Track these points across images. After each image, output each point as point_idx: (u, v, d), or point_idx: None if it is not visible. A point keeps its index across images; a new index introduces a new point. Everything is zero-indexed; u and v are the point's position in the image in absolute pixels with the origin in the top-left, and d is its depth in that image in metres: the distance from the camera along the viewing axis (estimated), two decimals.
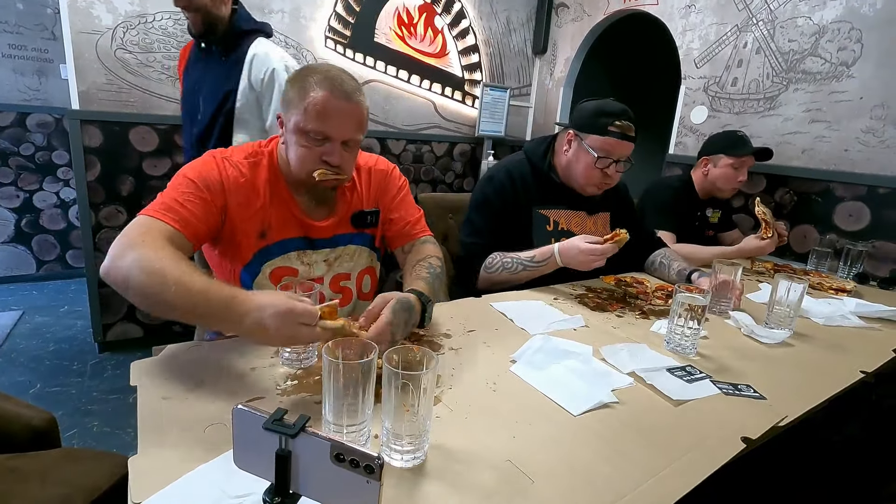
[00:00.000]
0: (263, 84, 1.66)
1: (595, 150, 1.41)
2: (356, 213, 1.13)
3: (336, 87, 0.94)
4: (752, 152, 1.89)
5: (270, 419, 0.41)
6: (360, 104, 0.97)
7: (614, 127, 1.40)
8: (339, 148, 0.97)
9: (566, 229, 1.52)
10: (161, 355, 0.85)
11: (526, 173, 1.50)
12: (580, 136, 1.44)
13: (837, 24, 1.99)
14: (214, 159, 1.00)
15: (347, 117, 0.96)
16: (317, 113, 0.93)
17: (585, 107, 1.47)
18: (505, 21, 3.28)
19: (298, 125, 0.95)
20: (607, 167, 1.43)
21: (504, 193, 1.46)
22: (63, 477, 0.87)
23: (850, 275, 1.81)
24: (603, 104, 1.44)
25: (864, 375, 1.01)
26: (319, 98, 0.93)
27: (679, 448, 0.71)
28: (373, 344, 0.63)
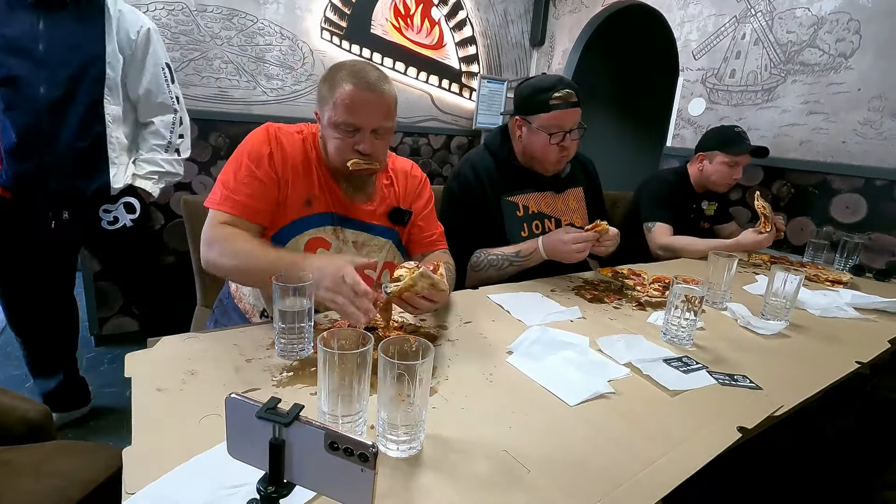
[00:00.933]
0: (136, 45, 1.53)
1: (545, 129, 1.41)
2: (395, 209, 1.19)
3: (360, 79, 0.99)
4: (747, 150, 1.87)
5: (264, 408, 0.41)
6: (385, 93, 1.02)
7: (555, 99, 1.39)
8: (370, 137, 1.03)
9: (537, 212, 1.52)
10: (155, 347, 0.85)
11: (489, 164, 1.50)
12: (527, 120, 1.45)
13: (836, 14, 1.98)
14: (268, 132, 1.07)
15: (374, 107, 1.01)
16: (345, 106, 0.99)
17: (522, 90, 1.47)
18: (502, 12, 3.26)
19: (331, 119, 1.01)
20: (562, 140, 1.42)
21: (469, 188, 1.47)
22: (57, 469, 0.86)
23: (846, 267, 1.81)
24: (537, 81, 1.44)
25: (860, 366, 1.02)
26: (346, 92, 0.98)
27: (675, 438, 0.71)
28: (368, 335, 0.63)
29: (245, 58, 2.46)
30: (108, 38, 1.46)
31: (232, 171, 1.03)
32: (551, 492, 0.58)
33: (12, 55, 1.37)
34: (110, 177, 1.54)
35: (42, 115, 1.39)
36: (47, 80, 1.39)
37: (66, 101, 1.42)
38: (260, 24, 2.47)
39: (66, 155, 1.45)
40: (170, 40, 2.26)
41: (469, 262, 1.45)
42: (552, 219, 1.55)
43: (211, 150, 2.47)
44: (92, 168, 1.50)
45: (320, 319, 1.00)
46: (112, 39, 1.47)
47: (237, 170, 1.03)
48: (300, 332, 0.84)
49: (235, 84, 2.47)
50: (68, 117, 1.43)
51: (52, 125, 1.41)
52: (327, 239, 1.10)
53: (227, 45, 2.40)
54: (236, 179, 1.02)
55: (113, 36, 1.47)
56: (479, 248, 1.45)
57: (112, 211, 1.58)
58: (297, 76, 2.63)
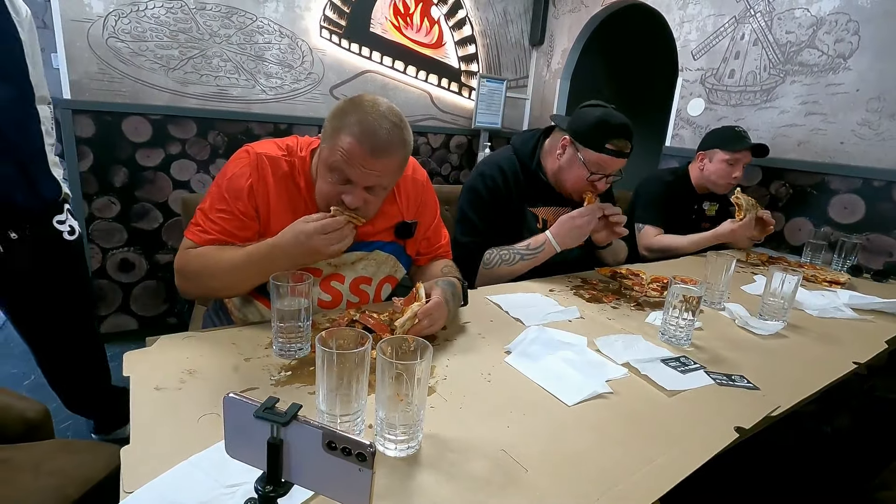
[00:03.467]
0: (27, 26, 1.25)
1: (589, 165, 1.40)
2: (400, 224, 1.13)
3: (367, 139, 0.90)
4: (747, 147, 1.87)
5: (262, 407, 0.41)
6: (390, 158, 0.93)
7: (612, 145, 1.38)
8: (361, 192, 0.95)
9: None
10: (154, 346, 0.85)
11: (517, 171, 1.49)
12: (576, 146, 1.42)
13: (835, 15, 1.99)
14: (249, 156, 1.01)
15: (372, 170, 0.92)
16: (342, 157, 0.91)
17: (587, 115, 1.42)
18: (502, 12, 3.26)
19: (327, 161, 0.94)
20: (598, 181, 1.43)
21: (497, 191, 1.46)
22: (56, 468, 0.86)
23: (844, 267, 1.82)
24: (605, 116, 1.40)
25: (857, 367, 1.02)
26: (347, 145, 0.90)
27: (672, 438, 0.71)
28: (367, 334, 0.63)
29: (244, 56, 2.46)
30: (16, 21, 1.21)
31: (209, 202, 1.00)
32: (549, 491, 0.58)
33: None
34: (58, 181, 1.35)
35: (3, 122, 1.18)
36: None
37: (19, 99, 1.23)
38: (259, 23, 2.46)
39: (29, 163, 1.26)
40: (168, 38, 2.26)
41: (482, 260, 1.44)
42: None
43: (210, 149, 2.47)
44: (43, 174, 1.31)
45: (319, 319, 1.00)
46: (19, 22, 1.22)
47: (214, 202, 0.99)
48: (298, 331, 0.84)
49: (234, 82, 2.46)
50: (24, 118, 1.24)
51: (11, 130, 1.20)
52: (317, 266, 1.05)
53: (226, 44, 2.40)
54: (210, 213, 0.99)
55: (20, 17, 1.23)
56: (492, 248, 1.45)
57: (65, 220, 1.38)
58: (297, 75, 2.63)
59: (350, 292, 1.10)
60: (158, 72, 2.28)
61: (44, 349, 1.50)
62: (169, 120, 2.35)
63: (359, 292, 1.12)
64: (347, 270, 1.09)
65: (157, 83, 2.29)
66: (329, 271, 1.06)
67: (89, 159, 2.23)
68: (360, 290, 1.12)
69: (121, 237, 2.37)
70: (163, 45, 2.25)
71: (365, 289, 1.13)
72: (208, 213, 0.99)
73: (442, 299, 0.94)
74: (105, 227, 2.33)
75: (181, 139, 2.40)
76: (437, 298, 0.93)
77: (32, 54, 1.29)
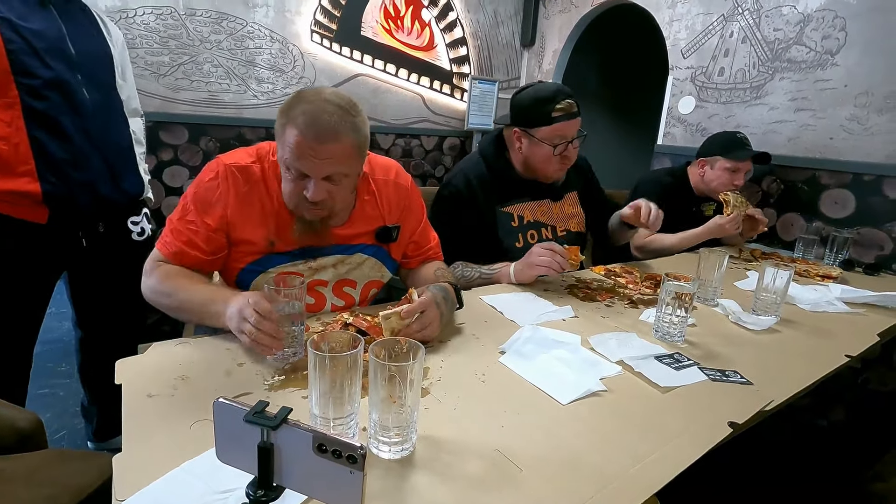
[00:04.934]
0: (121, 47, 1.46)
1: (548, 141, 1.39)
2: (381, 228, 1.12)
3: (309, 127, 0.88)
4: (749, 156, 1.86)
5: (251, 412, 0.41)
6: (338, 143, 0.90)
7: (557, 111, 1.37)
8: (321, 184, 0.92)
9: (533, 221, 1.51)
10: (146, 353, 0.84)
11: (483, 174, 1.48)
12: (528, 132, 1.42)
13: (822, 12, 2.00)
14: (217, 168, 1.00)
15: (322, 158, 0.90)
16: (291, 152, 0.90)
17: (521, 100, 1.43)
18: (492, 13, 3.27)
19: (281, 159, 0.94)
20: (565, 150, 1.42)
21: (460, 199, 1.44)
22: (49, 478, 0.86)
23: (835, 261, 1.83)
24: (535, 92, 1.41)
25: (850, 360, 1.03)
26: (293, 139, 0.89)
27: (666, 434, 0.71)
28: (359, 337, 0.63)
29: (235, 61, 2.46)
30: (108, 39, 1.40)
31: (178, 214, 1.00)
32: (544, 490, 0.58)
33: (52, 56, 1.23)
34: (143, 180, 1.50)
35: (90, 120, 1.30)
36: (87, 84, 1.30)
37: (107, 104, 1.38)
38: (249, 28, 2.46)
39: (116, 159, 1.39)
40: (159, 45, 2.25)
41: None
42: (548, 227, 1.54)
43: (202, 155, 2.46)
44: (130, 171, 1.46)
45: (311, 323, 1.00)
46: (111, 41, 1.42)
47: (183, 214, 0.99)
48: (291, 336, 0.83)
49: (226, 88, 2.46)
50: (110, 120, 1.38)
51: (99, 130, 1.33)
52: (298, 271, 1.04)
53: (217, 49, 2.40)
54: (179, 224, 0.99)
55: (112, 38, 1.43)
56: (460, 260, 1.43)
57: (139, 221, 1.51)
58: (288, 79, 2.63)
59: (334, 295, 1.10)
60: (149, 78, 2.27)
61: (93, 339, 1.60)
62: (160, 126, 2.34)
63: (343, 295, 1.12)
64: (328, 274, 1.08)
65: (148, 90, 2.28)
66: (310, 275, 1.06)
67: None
68: (344, 292, 1.12)
69: None
70: (153, 52, 2.25)
71: (349, 292, 1.13)
72: (176, 224, 0.99)
73: (430, 299, 0.93)
74: None
75: (173, 145, 2.39)
76: (425, 298, 0.92)
77: (123, 70, 1.47)
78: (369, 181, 1.12)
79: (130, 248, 1.49)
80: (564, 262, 1.27)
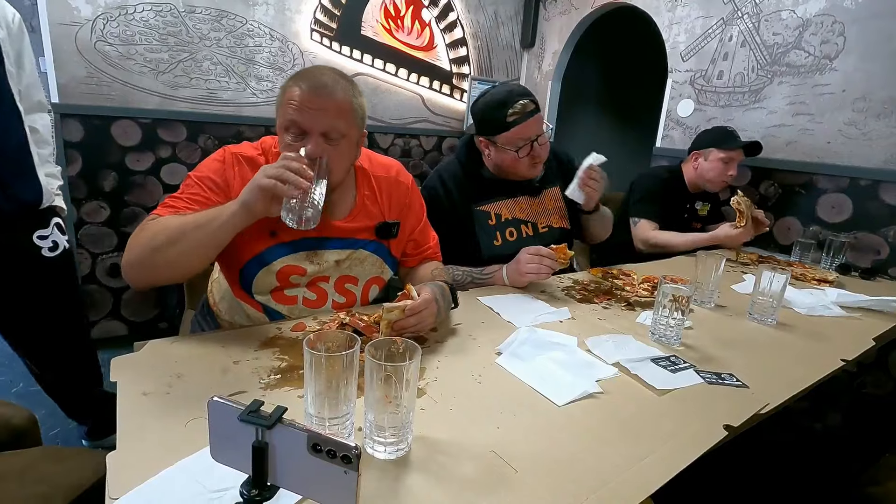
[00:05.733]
0: (13, 31, 1.25)
1: (511, 145, 1.38)
2: (381, 224, 1.12)
3: (308, 80, 0.93)
4: (741, 146, 1.93)
5: (246, 410, 0.41)
6: (336, 96, 0.94)
7: (512, 115, 1.35)
8: (320, 140, 0.94)
9: (511, 218, 1.50)
10: (142, 351, 0.84)
11: (457, 174, 1.48)
12: (491, 140, 1.42)
13: (821, 17, 2.01)
14: (223, 156, 1.01)
15: (320, 109, 0.93)
16: (290, 107, 0.93)
17: (477, 109, 1.43)
18: (492, 14, 3.27)
19: (280, 124, 0.96)
20: (531, 150, 1.40)
21: (437, 201, 1.44)
22: (42, 475, 0.85)
23: (832, 266, 1.84)
24: (488, 98, 1.40)
25: (845, 364, 1.03)
26: (292, 94, 0.93)
27: (662, 436, 0.71)
28: (355, 336, 0.63)
29: (234, 59, 2.45)
30: None
31: (181, 189, 0.99)
32: (539, 491, 0.58)
33: None
34: (42, 186, 1.28)
35: None
36: None
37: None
38: (249, 26, 2.46)
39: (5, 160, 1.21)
40: (158, 42, 2.24)
41: None
42: (528, 223, 1.53)
43: (200, 153, 2.46)
44: (22, 176, 1.25)
45: (308, 321, 1.00)
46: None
47: (186, 188, 0.98)
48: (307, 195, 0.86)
49: (225, 86, 2.45)
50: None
51: None
52: (301, 265, 1.04)
53: (217, 47, 2.39)
54: (181, 195, 0.97)
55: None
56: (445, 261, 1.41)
57: (48, 235, 1.32)
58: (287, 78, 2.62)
59: (335, 292, 1.10)
60: (148, 75, 2.26)
61: (31, 359, 1.48)
62: (159, 124, 2.33)
63: (345, 292, 1.12)
64: (331, 270, 1.08)
65: (147, 87, 2.27)
66: (313, 270, 1.06)
67: (78, 164, 2.21)
68: (346, 289, 1.12)
69: (110, 242, 2.35)
70: (152, 49, 2.24)
71: (351, 289, 1.13)
72: (178, 195, 0.97)
73: (432, 296, 0.94)
74: (94, 232, 2.31)
75: (171, 143, 2.39)
76: (427, 295, 0.93)
77: (18, 57, 1.26)
78: (370, 178, 1.13)
79: (44, 267, 1.33)
80: (554, 262, 1.26)
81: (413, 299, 0.92)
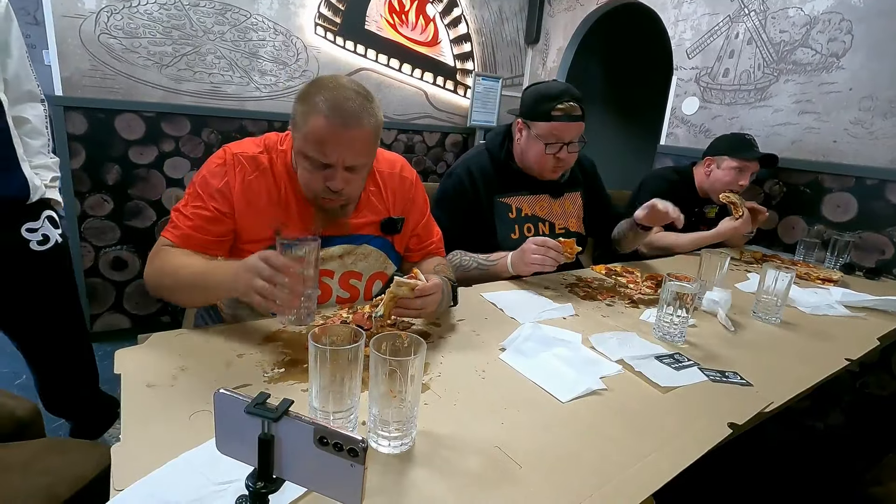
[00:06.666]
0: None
1: (543, 138, 1.40)
2: (386, 220, 1.13)
3: (336, 113, 0.89)
4: (757, 157, 1.87)
5: (252, 403, 0.41)
6: (363, 127, 0.91)
7: (557, 111, 1.37)
8: (342, 174, 0.94)
9: (530, 214, 1.51)
10: (146, 343, 0.84)
11: (485, 165, 1.49)
12: (528, 125, 1.43)
13: (828, 14, 1.99)
14: (224, 157, 1.00)
15: (347, 145, 0.91)
16: (315, 141, 0.90)
17: (528, 93, 1.45)
18: (497, 10, 3.25)
19: (301, 150, 0.94)
20: (558, 152, 1.41)
21: (462, 189, 1.46)
22: (46, 467, 0.86)
23: (836, 265, 1.83)
24: (544, 88, 1.42)
25: (849, 363, 1.03)
26: (317, 125, 0.89)
27: (666, 434, 0.71)
28: (360, 331, 0.63)
29: (238, 53, 2.44)
30: None
31: (185, 199, 1.00)
32: (543, 487, 0.58)
33: None
34: (28, 180, 1.24)
35: None
36: None
37: None
38: (253, 20, 2.45)
39: None
40: (161, 35, 2.24)
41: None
42: (546, 222, 1.54)
43: (203, 147, 2.46)
44: (5, 169, 1.21)
45: None
46: None
47: (189, 200, 0.99)
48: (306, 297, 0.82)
49: (228, 80, 2.45)
50: None
51: None
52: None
53: (220, 41, 2.38)
54: (185, 210, 0.98)
55: None
56: (458, 249, 1.44)
57: (37, 228, 1.29)
58: (291, 72, 2.62)
59: (339, 287, 1.10)
60: (152, 69, 2.26)
61: (28, 353, 1.46)
62: (162, 117, 2.33)
63: (348, 287, 1.12)
64: (335, 264, 1.08)
65: (151, 80, 2.27)
66: None
67: (81, 157, 2.21)
68: (350, 285, 1.12)
69: (113, 235, 2.35)
70: (156, 42, 2.24)
71: (355, 284, 1.13)
72: (182, 210, 0.99)
73: (441, 283, 0.95)
74: (98, 226, 2.31)
75: (175, 137, 2.38)
76: (436, 280, 0.94)
77: (6, 45, 1.21)
78: (375, 174, 1.13)
79: (33, 260, 1.30)
80: (559, 255, 1.26)
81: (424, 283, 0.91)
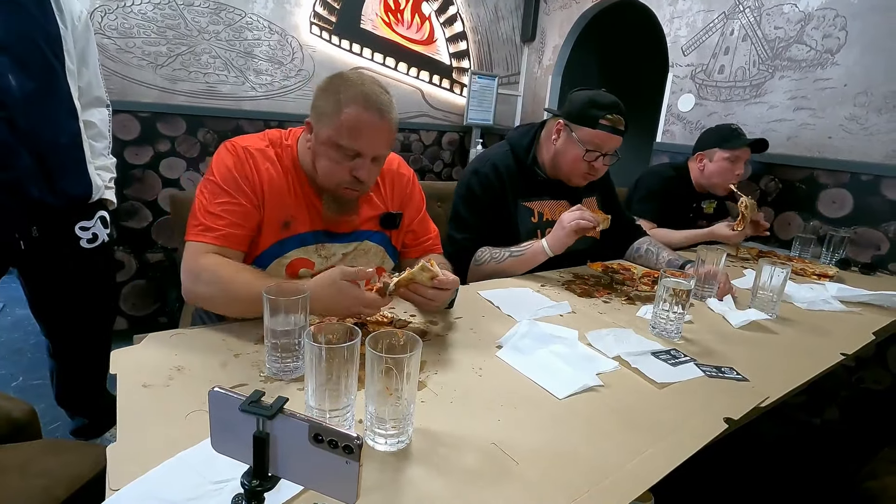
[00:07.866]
0: (79, 28, 1.28)
1: (584, 143, 1.40)
2: (385, 214, 1.14)
3: (371, 103, 0.93)
4: (746, 144, 1.87)
5: (247, 401, 0.40)
6: (391, 120, 0.97)
7: (606, 120, 1.38)
8: (369, 164, 0.97)
9: (550, 219, 1.51)
10: (142, 343, 0.84)
11: (511, 166, 1.49)
12: (570, 127, 1.42)
13: (822, 11, 2.00)
14: (234, 149, 1.00)
15: (380, 135, 0.96)
16: (350, 129, 0.93)
17: (577, 97, 1.44)
18: (493, 8, 3.25)
19: (332, 139, 0.94)
20: (595, 160, 1.42)
21: (490, 188, 1.45)
22: (43, 468, 0.85)
23: (832, 261, 1.84)
24: (595, 95, 1.42)
25: (845, 358, 1.03)
26: (353, 114, 0.92)
27: (662, 429, 0.71)
28: (356, 329, 0.63)
29: (233, 53, 2.44)
30: (59, 18, 1.21)
31: (207, 198, 0.97)
32: (540, 484, 0.58)
33: None
34: (91, 180, 1.31)
35: (15, 110, 1.15)
36: (13, 68, 1.14)
37: (44, 92, 1.20)
38: (248, 19, 2.44)
39: (49, 155, 1.22)
40: (156, 35, 2.23)
41: (473, 258, 1.44)
42: None
43: (199, 147, 2.45)
44: (72, 171, 1.28)
45: None
46: (62, 20, 1.22)
47: (213, 197, 0.97)
48: (293, 348, 0.76)
49: (224, 79, 2.44)
50: (47, 111, 1.21)
51: (30, 121, 1.18)
52: (310, 259, 1.05)
53: (215, 40, 2.38)
54: (212, 208, 0.96)
55: (63, 16, 1.23)
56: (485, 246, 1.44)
57: (90, 227, 1.36)
58: (287, 71, 2.61)
59: None
60: (146, 69, 2.25)
61: (56, 342, 1.51)
62: (157, 117, 2.32)
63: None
64: (337, 262, 1.09)
65: (145, 80, 2.26)
66: (321, 264, 1.06)
67: None
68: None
69: None
70: (150, 42, 2.23)
71: None
72: (210, 208, 0.96)
73: (457, 281, 0.96)
74: None
75: (170, 137, 2.38)
76: (455, 278, 0.95)
77: (83, 55, 1.30)
78: None
79: (80, 256, 1.36)
80: (595, 217, 1.30)
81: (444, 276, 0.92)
